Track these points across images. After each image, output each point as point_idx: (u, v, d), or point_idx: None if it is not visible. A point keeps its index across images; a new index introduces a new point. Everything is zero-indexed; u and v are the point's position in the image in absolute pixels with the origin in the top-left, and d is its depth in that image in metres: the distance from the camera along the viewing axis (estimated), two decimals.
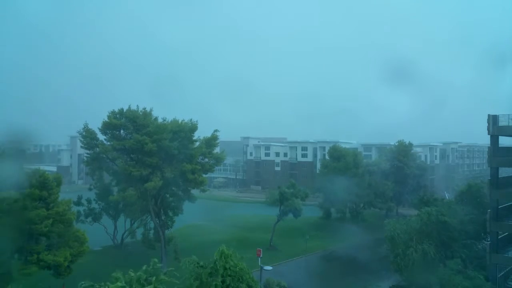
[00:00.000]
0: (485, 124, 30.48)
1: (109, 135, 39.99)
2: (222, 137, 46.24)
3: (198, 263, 22.35)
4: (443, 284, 26.57)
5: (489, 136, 30.68)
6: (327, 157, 70.16)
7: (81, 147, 44.56)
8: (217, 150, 45.06)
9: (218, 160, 44.17)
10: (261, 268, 31.75)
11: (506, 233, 32.17)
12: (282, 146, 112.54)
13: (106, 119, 39.15)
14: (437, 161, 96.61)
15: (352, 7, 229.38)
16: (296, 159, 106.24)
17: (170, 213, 44.72)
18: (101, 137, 40.80)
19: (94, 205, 47.65)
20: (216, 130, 42.98)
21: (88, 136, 40.00)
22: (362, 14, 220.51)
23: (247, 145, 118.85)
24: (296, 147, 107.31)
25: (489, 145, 31.17)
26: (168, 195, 43.46)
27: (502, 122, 30.31)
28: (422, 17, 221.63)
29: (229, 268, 21.27)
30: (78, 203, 45.32)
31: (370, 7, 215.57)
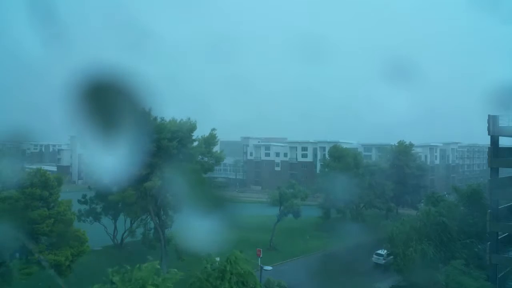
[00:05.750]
0: (485, 124, 30.53)
1: None
2: (222, 137, 46.33)
3: (210, 264, 22.08)
4: (448, 284, 26.59)
5: (489, 136, 30.73)
6: (327, 157, 70.22)
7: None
8: (216, 149, 45.09)
9: (218, 159, 44.17)
10: (261, 268, 31.81)
11: (506, 233, 32.24)
12: (282, 146, 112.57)
13: None
14: (437, 162, 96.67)
15: (353, 6, 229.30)
16: (296, 159, 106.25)
17: (170, 213, 44.76)
18: None
19: (94, 205, 47.66)
20: (213, 129, 43.03)
21: None
22: (363, 13, 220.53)
23: (247, 145, 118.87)
24: (296, 147, 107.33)
25: (489, 146, 31.22)
26: (168, 195, 43.47)
27: (502, 123, 30.36)
28: (423, 16, 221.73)
29: (236, 273, 21.19)
30: (84, 201, 45.83)
31: (371, 6, 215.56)
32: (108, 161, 27.44)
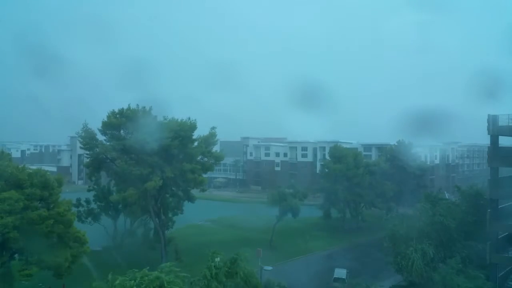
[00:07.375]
0: (485, 124, 30.54)
1: (109, 135, 40.02)
2: (222, 137, 46.32)
3: (214, 262, 22.13)
4: (445, 284, 26.64)
5: (489, 136, 30.74)
6: (327, 157, 70.17)
7: (80, 147, 44.58)
8: (216, 148, 45.08)
9: (217, 159, 44.22)
10: (261, 268, 31.80)
11: (506, 233, 32.25)
12: (282, 146, 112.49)
13: (106, 119, 39.23)
14: (437, 161, 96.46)
15: (353, 5, 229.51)
16: (296, 159, 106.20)
17: (170, 213, 44.74)
18: (100, 137, 40.90)
19: (93, 205, 47.51)
20: (213, 127, 43.07)
21: (87, 137, 40.01)
22: (363, 12, 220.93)
23: (247, 145, 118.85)
24: (296, 147, 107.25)
25: (489, 145, 31.24)
26: (168, 195, 43.47)
27: (502, 122, 30.39)
28: (423, 16, 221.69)
29: (242, 271, 21.27)
30: (77, 205, 45.29)
31: (370, 5, 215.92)
32: None
